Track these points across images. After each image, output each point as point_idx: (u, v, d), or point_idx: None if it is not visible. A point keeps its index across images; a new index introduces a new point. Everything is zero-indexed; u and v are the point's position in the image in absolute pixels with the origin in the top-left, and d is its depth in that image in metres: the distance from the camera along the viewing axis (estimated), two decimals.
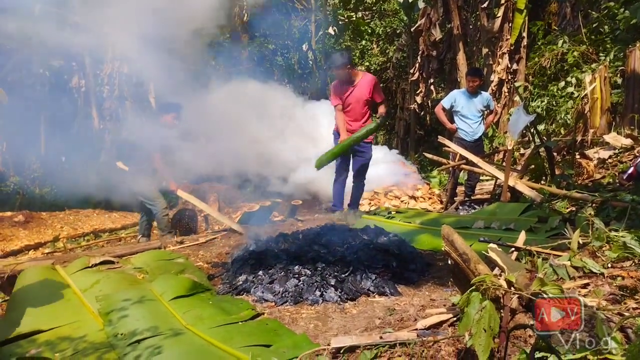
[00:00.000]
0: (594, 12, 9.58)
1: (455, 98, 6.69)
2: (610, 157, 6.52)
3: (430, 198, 7.71)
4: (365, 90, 5.62)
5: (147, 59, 7.22)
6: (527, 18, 10.02)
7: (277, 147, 8.57)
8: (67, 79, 9.44)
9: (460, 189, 7.14)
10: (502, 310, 1.77)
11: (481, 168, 6.10)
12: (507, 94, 10.24)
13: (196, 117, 8.22)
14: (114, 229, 6.87)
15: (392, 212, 5.77)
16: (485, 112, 6.78)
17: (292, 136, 8.83)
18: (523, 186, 5.30)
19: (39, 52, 7.75)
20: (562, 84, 9.39)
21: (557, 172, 5.87)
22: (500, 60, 10.17)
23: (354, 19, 14.03)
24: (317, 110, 9.66)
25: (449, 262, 2.23)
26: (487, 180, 7.39)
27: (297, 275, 3.44)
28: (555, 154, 6.68)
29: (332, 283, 3.31)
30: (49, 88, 8.77)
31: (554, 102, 9.50)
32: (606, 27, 9.16)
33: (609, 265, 2.25)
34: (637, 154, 6.04)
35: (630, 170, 4.80)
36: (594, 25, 9.39)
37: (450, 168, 6.78)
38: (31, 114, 7.07)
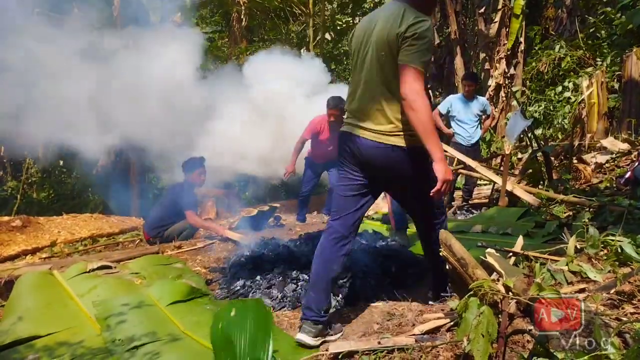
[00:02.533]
0: (590, 17, 9.64)
1: (452, 103, 6.70)
2: (607, 161, 6.55)
3: None
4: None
5: None
6: (524, 23, 10.06)
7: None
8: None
9: (458, 194, 7.14)
10: (500, 316, 1.78)
11: (479, 172, 6.11)
12: (504, 98, 10.26)
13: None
14: (112, 234, 6.84)
15: None
16: (482, 117, 6.79)
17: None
18: (521, 191, 5.31)
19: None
20: (559, 88, 9.43)
21: (554, 176, 5.89)
22: (497, 65, 10.20)
23: (352, 23, 14.07)
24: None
25: (447, 267, 2.24)
26: (484, 184, 7.40)
27: (295, 280, 3.43)
28: (552, 158, 6.70)
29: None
30: None
31: (551, 107, 9.54)
32: (603, 32, 9.20)
33: (607, 271, 2.26)
34: (634, 159, 6.06)
35: (628, 174, 4.82)
36: (591, 31, 9.44)
37: None
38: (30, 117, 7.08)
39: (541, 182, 5.88)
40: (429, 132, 2.23)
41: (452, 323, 2.19)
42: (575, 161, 6.67)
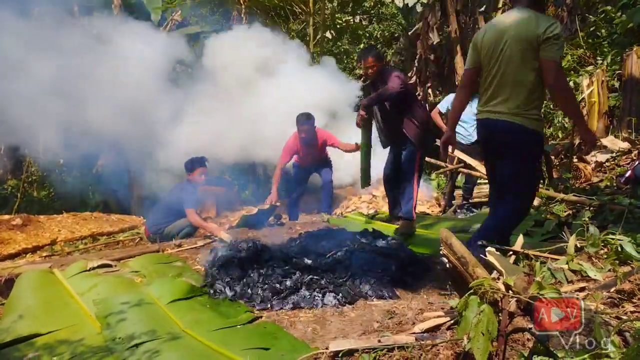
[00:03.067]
0: (591, 16, 9.61)
1: (452, 101, 6.69)
2: (607, 160, 6.54)
3: (428, 201, 7.72)
4: (322, 148, 6.40)
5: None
6: None
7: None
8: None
9: (458, 192, 7.14)
10: (500, 314, 1.78)
11: (479, 171, 6.11)
12: None
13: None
14: (112, 232, 6.84)
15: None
16: None
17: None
18: None
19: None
20: None
21: (554, 175, 5.89)
22: None
23: (352, 22, 14.07)
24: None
25: (447, 265, 2.24)
26: (485, 183, 7.40)
27: (295, 279, 3.43)
28: (553, 157, 6.70)
29: (331, 287, 3.30)
30: None
31: (551, 106, 9.52)
32: (603, 31, 9.18)
33: (607, 269, 2.26)
34: (635, 157, 6.05)
35: (628, 173, 4.82)
36: (591, 29, 9.41)
37: (448, 171, 6.79)
38: (30, 116, 7.09)
39: (541, 181, 5.87)
40: (576, 109, 2.98)
41: (452, 321, 2.19)
42: (575, 160, 6.67)
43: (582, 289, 2.14)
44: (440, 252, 2.29)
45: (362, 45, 14.41)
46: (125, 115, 7.27)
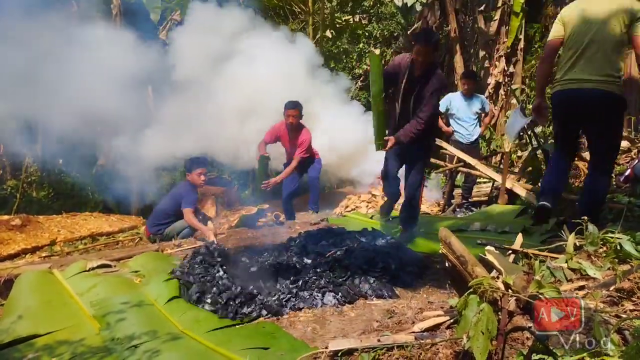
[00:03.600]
0: None
1: (451, 101, 6.70)
2: None
3: (427, 200, 7.71)
4: (297, 147, 6.17)
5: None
6: (524, 21, 10.03)
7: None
8: None
9: (458, 192, 7.14)
10: (499, 313, 1.77)
11: (478, 170, 6.11)
12: (504, 96, 10.24)
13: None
14: (112, 232, 6.84)
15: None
16: (482, 115, 6.79)
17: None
18: (520, 188, 5.31)
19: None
20: None
21: None
22: (497, 63, 10.18)
23: (352, 22, 14.04)
24: None
25: (447, 264, 2.24)
26: (484, 182, 7.41)
27: (294, 279, 3.43)
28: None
29: (330, 286, 3.30)
30: None
31: (550, 105, 9.50)
32: None
33: (607, 268, 2.26)
34: (634, 156, 6.05)
35: (627, 172, 4.82)
36: None
37: (448, 170, 6.79)
38: (28, 116, 7.06)
39: (541, 180, 5.85)
40: None
41: (451, 320, 2.19)
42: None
43: (581, 288, 2.14)
44: (440, 251, 2.29)
45: (361, 45, 14.41)
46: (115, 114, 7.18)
